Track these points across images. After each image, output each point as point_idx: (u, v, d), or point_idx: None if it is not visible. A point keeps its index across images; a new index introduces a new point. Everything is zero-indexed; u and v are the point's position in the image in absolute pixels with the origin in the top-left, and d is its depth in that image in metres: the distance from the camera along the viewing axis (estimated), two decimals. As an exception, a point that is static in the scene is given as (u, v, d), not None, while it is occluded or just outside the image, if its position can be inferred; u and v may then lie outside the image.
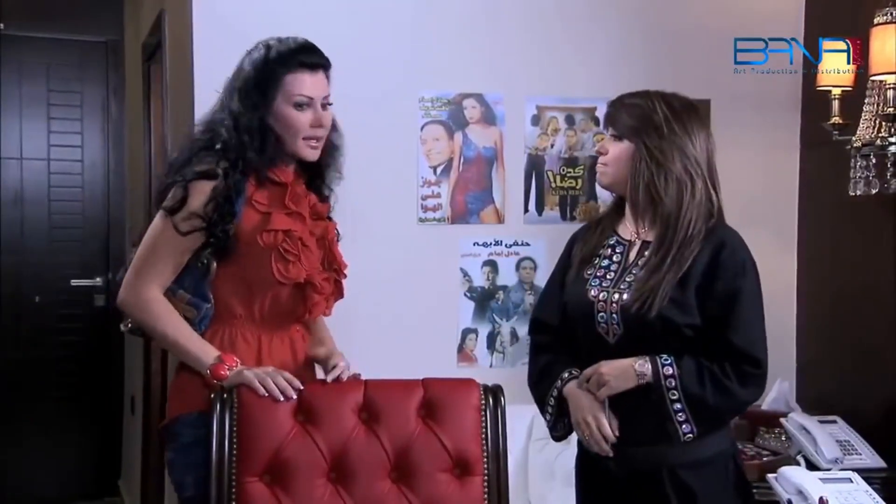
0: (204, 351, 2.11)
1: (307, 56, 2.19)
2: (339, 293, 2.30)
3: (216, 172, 2.11)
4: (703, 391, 2.04)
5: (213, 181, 2.11)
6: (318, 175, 2.29)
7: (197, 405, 2.11)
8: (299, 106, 2.17)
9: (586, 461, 2.25)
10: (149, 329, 2.21)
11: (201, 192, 2.11)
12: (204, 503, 2.05)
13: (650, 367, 2.06)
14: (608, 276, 2.18)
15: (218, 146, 2.13)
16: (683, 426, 2.06)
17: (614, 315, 2.12)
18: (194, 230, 2.12)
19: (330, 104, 2.22)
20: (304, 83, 2.18)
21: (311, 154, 2.22)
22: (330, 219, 2.33)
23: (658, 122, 2.13)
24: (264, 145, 2.16)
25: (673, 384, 2.05)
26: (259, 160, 2.15)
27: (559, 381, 2.21)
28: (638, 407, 2.09)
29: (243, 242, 2.13)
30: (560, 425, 2.26)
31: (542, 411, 2.28)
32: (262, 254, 2.13)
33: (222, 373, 2.07)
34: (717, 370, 2.06)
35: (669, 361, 2.06)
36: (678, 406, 2.05)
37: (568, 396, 2.19)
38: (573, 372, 2.19)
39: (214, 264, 2.15)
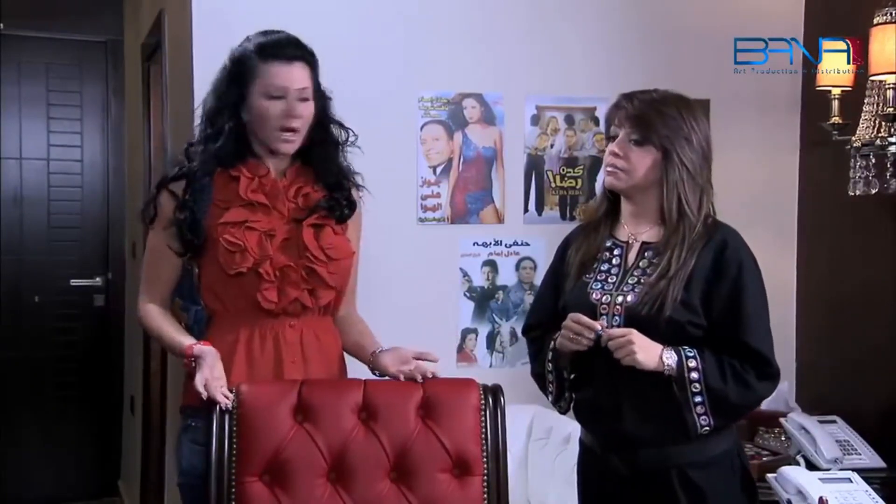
0: (180, 339, 2.15)
1: (282, 47, 2.18)
2: (318, 281, 2.19)
3: (177, 175, 2.17)
4: (724, 385, 2.04)
5: (179, 182, 2.17)
6: (317, 169, 2.27)
7: (188, 399, 2.15)
8: (273, 97, 2.16)
9: (589, 461, 2.25)
10: (150, 335, 2.32)
11: (169, 198, 2.17)
12: (192, 491, 2.09)
13: (676, 358, 2.05)
14: (609, 280, 2.17)
15: (195, 156, 2.17)
16: (702, 418, 2.05)
17: (616, 318, 2.11)
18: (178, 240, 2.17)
19: (307, 99, 2.19)
20: (279, 74, 2.16)
21: (286, 147, 2.19)
22: (334, 208, 2.27)
23: (687, 132, 2.12)
24: (233, 139, 2.18)
25: (696, 377, 2.04)
26: (225, 156, 2.17)
27: (552, 343, 2.19)
28: (649, 408, 2.09)
29: (210, 240, 2.16)
30: (563, 397, 2.25)
31: (545, 386, 2.26)
32: (217, 248, 2.16)
33: (191, 351, 2.08)
34: (737, 364, 2.06)
35: (693, 354, 2.05)
36: (699, 398, 2.05)
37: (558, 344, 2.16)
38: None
39: (196, 268, 2.20)
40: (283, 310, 2.17)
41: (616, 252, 2.20)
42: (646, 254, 2.16)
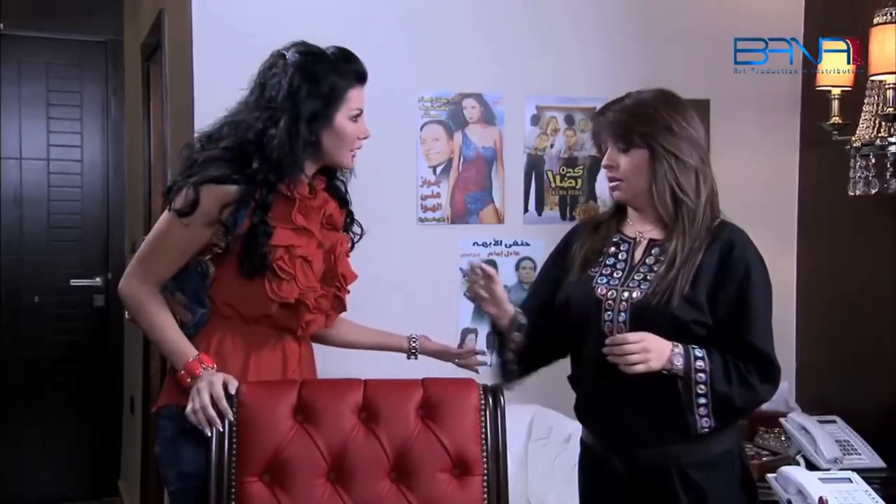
0: (185, 348, 2.12)
1: (361, 68, 2.22)
2: (340, 307, 2.30)
3: (229, 178, 2.10)
4: (729, 388, 2.04)
5: (225, 186, 2.10)
6: (333, 175, 2.30)
7: (176, 398, 2.12)
8: (354, 119, 2.20)
9: (590, 460, 2.25)
10: (138, 320, 2.21)
11: (214, 196, 2.10)
12: (187, 497, 2.07)
13: (684, 360, 2.04)
14: (615, 275, 2.16)
15: (255, 164, 2.10)
16: (703, 420, 2.05)
17: (622, 313, 2.10)
18: (217, 237, 2.12)
19: None
20: (359, 97, 2.21)
21: (351, 162, 2.25)
22: (347, 228, 2.32)
23: (666, 121, 2.10)
24: (303, 159, 2.16)
25: (703, 378, 2.03)
26: (294, 175, 2.14)
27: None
28: (649, 407, 2.08)
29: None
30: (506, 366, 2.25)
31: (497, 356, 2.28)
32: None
33: (197, 371, 2.07)
34: (741, 366, 2.05)
35: (702, 355, 2.04)
36: (703, 400, 2.04)
37: None
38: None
39: (212, 269, 2.16)
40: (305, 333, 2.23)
41: (623, 248, 2.19)
42: (652, 251, 2.15)
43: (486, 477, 2.09)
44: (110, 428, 5.46)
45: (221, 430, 2.02)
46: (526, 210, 3.41)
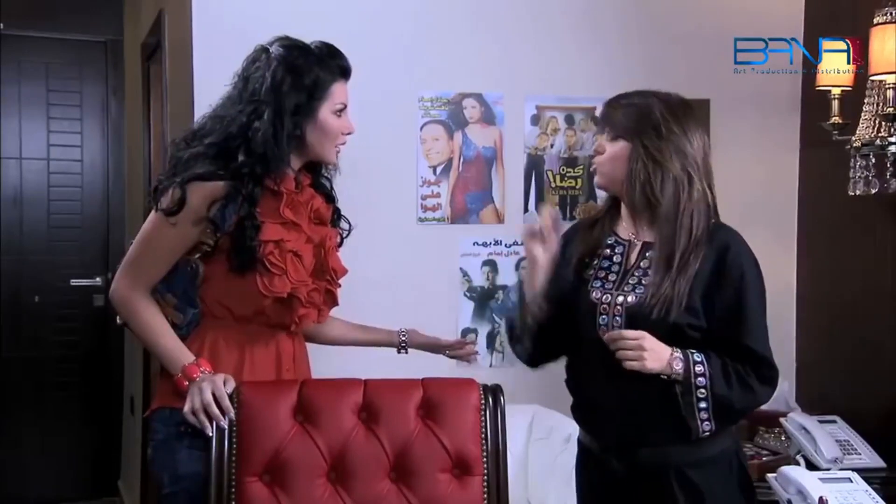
0: (181, 352, 2.11)
1: (345, 63, 2.22)
2: (332, 302, 2.29)
3: (214, 174, 2.10)
4: (730, 392, 2.04)
5: (212, 182, 2.09)
6: (318, 171, 2.29)
7: (169, 401, 2.12)
8: (338, 113, 2.19)
9: (587, 461, 2.25)
10: (130, 324, 2.19)
11: (201, 194, 2.09)
12: (181, 500, 2.08)
13: (683, 364, 2.04)
14: (610, 278, 2.16)
15: (241, 158, 2.10)
16: (704, 423, 2.05)
17: (617, 318, 2.10)
18: (205, 235, 2.10)
19: None
20: (343, 91, 2.21)
21: (335, 158, 2.24)
22: (334, 223, 2.32)
23: (656, 121, 2.09)
24: (288, 152, 2.15)
25: (703, 383, 2.03)
26: (279, 168, 2.14)
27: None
28: (648, 409, 2.08)
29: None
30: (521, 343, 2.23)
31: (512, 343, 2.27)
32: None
33: (195, 375, 2.06)
34: (740, 369, 2.05)
35: (701, 359, 2.04)
36: (703, 405, 2.04)
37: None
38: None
39: (202, 268, 2.15)
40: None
41: (617, 250, 2.19)
42: (647, 254, 2.15)
43: (486, 477, 2.09)
44: (110, 428, 5.46)
45: (224, 426, 2.01)
46: (526, 210, 3.41)
